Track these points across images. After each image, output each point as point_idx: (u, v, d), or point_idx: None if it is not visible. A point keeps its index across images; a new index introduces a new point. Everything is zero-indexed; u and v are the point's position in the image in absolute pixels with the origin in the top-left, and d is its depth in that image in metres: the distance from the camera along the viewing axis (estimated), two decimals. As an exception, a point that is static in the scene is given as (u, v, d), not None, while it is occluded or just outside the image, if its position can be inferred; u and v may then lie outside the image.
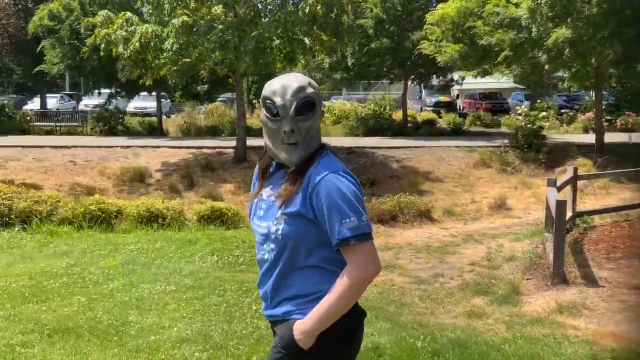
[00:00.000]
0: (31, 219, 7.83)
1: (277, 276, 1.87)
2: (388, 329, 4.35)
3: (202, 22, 12.77)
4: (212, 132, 20.92)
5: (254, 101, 29.01)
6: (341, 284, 1.74)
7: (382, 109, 21.75)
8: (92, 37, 13.49)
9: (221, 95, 31.48)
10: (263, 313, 1.98)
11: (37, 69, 21.25)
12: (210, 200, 10.46)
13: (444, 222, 9.04)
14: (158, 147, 16.20)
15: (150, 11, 13.57)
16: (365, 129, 20.13)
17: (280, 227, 1.81)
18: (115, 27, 13.36)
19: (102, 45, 13.34)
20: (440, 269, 6.35)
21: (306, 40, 13.81)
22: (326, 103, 25.96)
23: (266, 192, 1.92)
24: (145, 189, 12.66)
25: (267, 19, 13.81)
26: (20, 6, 25.51)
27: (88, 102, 29.19)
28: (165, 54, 13.20)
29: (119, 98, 22.19)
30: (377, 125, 20.17)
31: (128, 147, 15.91)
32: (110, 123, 20.31)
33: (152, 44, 12.97)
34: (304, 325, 1.77)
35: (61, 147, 15.72)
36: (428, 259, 6.76)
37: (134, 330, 4.34)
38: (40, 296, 5.09)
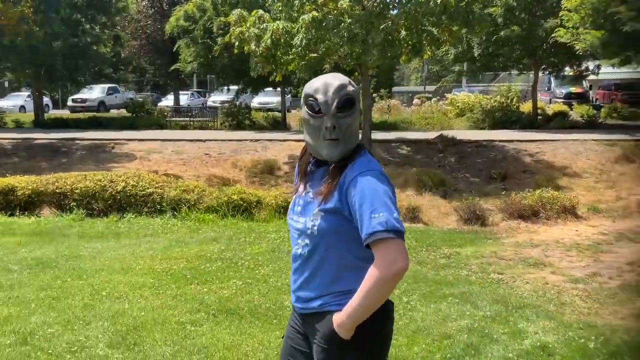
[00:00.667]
0: (180, 206, 8.34)
1: (312, 271, 1.93)
2: (552, 328, 4.14)
3: (330, 16, 12.92)
4: (334, 125, 21.14)
5: (373, 95, 28.97)
6: (369, 278, 1.76)
7: (509, 101, 20.85)
8: (227, 35, 14.12)
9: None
10: (294, 305, 2.03)
11: (173, 67, 22.65)
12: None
13: (590, 220, 8.47)
14: (284, 140, 16.68)
15: (280, 8, 13.96)
16: (491, 122, 19.40)
17: (317, 222, 1.87)
18: (248, 25, 13.90)
19: (236, 43, 13.94)
20: (595, 267, 5.95)
21: (434, 31, 13.54)
22: (448, 95, 25.34)
23: (306, 189, 1.98)
24: (275, 181, 13.07)
25: (395, 10, 13.71)
26: (156, 9, 27.34)
27: (215, 99, 30.76)
28: (294, 49, 13.52)
29: (245, 93, 23.15)
30: (505, 117, 19.36)
31: (257, 140, 16.53)
32: (238, 118, 21.21)
33: (282, 40, 13.34)
34: (341, 319, 1.82)
35: (196, 140, 16.68)
36: (580, 257, 6.35)
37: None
38: (200, 278, 5.40)
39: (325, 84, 1.90)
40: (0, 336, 4.04)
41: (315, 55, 14.21)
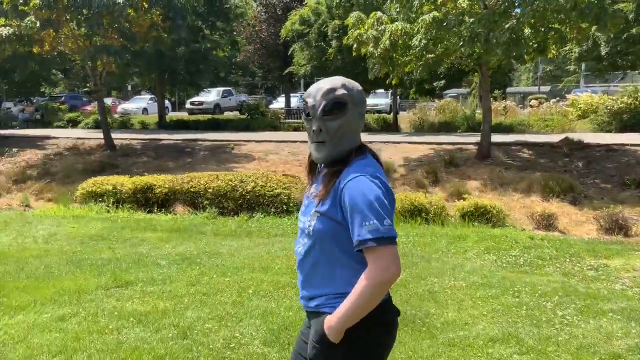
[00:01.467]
0: (307, 207, 8.47)
1: (308, 270, 1.96)
2: None
3: (450, 16, 12.62)
4: (446, 128, 20.71)
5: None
6: (361, 284, 1.77)
7: (637, 102, 19.34)
8: (345, 37, 14.23)
9: (450, 91, 31.16)
10: (304, 308, 2.04)
11: (287, 70, 23.20)
12: (456, 196, 10.35)
13: None
14: (398, 142, 16.53)
15: (398, 9, 13.84)
16: (619, 124, 18.11)
17: (313, 223, 1.89)
18: (366, 27, 13.92)
19: (354, 46, 14.01)
20: None
21: (562, 28, 12.84)
22: (569, 96, 23.98)
23: (311, 189, 2.00)
24: (392, 184, 12.97)
25: (520, 8, 13.14)
26: (270, 14, 28.14)
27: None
28: (412, 50, 13.34)
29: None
30: (634, 120, 18.00)
31: (370, 142, 16.52)
32: (351, 119, 21.29)
33: (400, 41, 13.22)
34: (330, 322, 1.84)
35: (311, 142, 16.96)
36: None
37: (438, 323, 4.36)
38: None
39: (317, 88, 1.93)
40: (161, 329, 4.25)
41: (432, 56, 13.96)
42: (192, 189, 8.89)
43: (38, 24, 13.71)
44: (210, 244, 7.01)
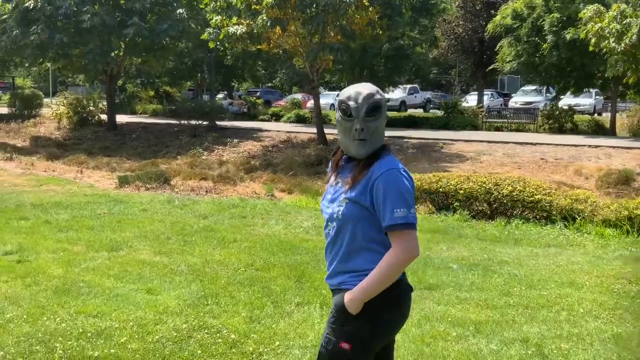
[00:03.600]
0: (572, 216, 7.82)
1: (335, 251, 2.24)
2: None
3: None
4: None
5: None
6: (385, 262, 2.09)
7: None
8: (583, 32, 13.15)
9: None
10: (325, 281, 2.33)
11: (491, 67, 22.29)
12: None
13: None
14: (630, 148, 14.94)
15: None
16: None
17: (342, 209, 2.16)
18: (607, 21, 12.71)
19: (592, 40, 12.88)
20: None
21: None
22: None
23: (337, 180, 2.27)
24: (635, 193, 11.68)
25: None
26: (468, 9, 27.29)
27: (518, 99, 29.54)
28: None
29: (563, 95, 21.63)
30: None
31: (597, 146, 15.13)
32: (560, 121, 19.87)
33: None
34: (352, 294, 2.13)
35: (526, 143, 16.02)
36: None
37: None
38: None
39: (357, 92, 2.17)
40: (507, 342, 3.99)
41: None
42: (441, 189, 8.67)
43: (269, 23, 14.46)
44: (485, 249, 6.69)
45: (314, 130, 19.87)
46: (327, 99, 36.36)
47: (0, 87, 42.78)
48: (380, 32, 16.47)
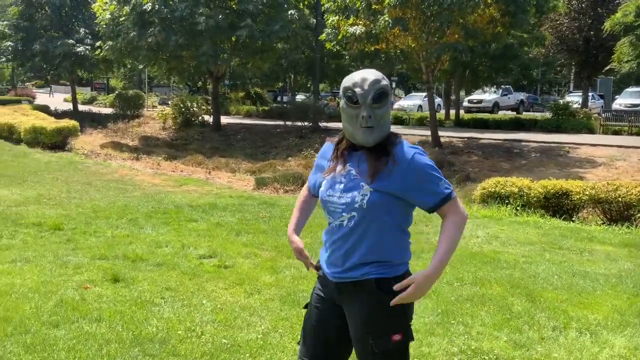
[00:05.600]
0: None
1: (355, 241, 2.12)
2: None
3: None
4: None
5: None
6: (453, 226, 2.09)
7: None
8: None
9: None
10: (330, 276, 2.20)
11: (607, 67, 21.09)
12: None
13: None
14: None
15: None
16: None
17: (367, 197, 2.08)
18: None
19: None
20: None
21: None
22: None
23: (347, 168, 2.17)
24: None
25: None
26: (572, 7, 25.97)
27: (622, 101, 27.96)
28: None
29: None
30: None
31: None
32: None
33: None
34: (429, 272, 2.05)
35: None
36: None
37: None
38: None
39: (363, 79, 2.10)
40: None
41: None
42: (620, 199, 8.01)
43: (390, 23, 14.09)
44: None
45: (421, 132, 19.42)
46: (414, 99, 35.77)
47: (96, 88, 44.62)
48: (502, 30, 15.80)
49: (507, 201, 8.84)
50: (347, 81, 2.14)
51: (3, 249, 5.90)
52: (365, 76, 2.12)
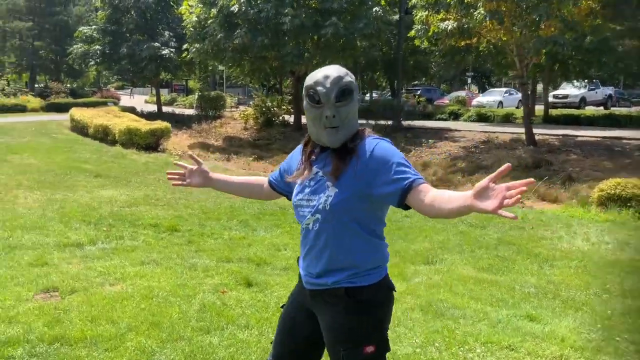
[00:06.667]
0: None
1: (322, 246, 1.97)
2: None
3: None
4: None
5: None
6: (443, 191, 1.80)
7: None
8: None
9: None
10: (304, 281, 2.07)
11: None
12: None
13: None
14: None
15: None
16: None
17: (330, 199, 1.93)
18: None
19: None
20: None
21: None
22: None
23: (314, 171, 2.03)
24: None
25: None
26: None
27: None
28: None
29: None
30: None
31: None
32: None
33: None
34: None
35: None
36: None
37: None
38: None
39: (325, 76, 1.96)
40: None
41: None
42: None
43: (487, 17, 13.58)
44: None
45: (509, 129, 18.73)
46: (494, 95, 34.61)
47: (175, 90, 46.00)
48: (601, 22, 14.95)
49: (628, 204, 8.26)
50: (309, 79, 2.01)
51: (129, 250, 6.00)
52: (328, 73, 1.98)
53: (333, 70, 1.99)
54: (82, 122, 18.54)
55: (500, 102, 33.00)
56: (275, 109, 22.88)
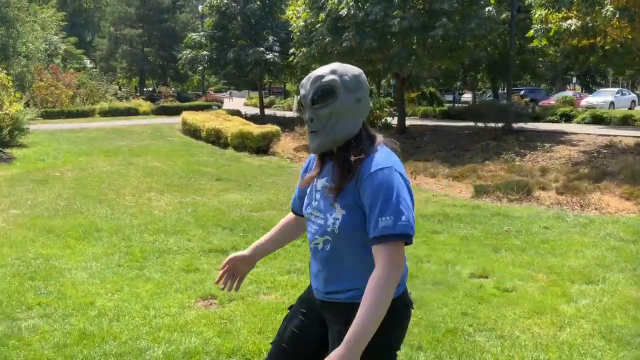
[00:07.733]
0: None
1: (335, 267, 1.87)
2: None
3: None
4: None
5: None
6: (374, 293, 1.67)
7: None
8: None
9: None
10: (314, 293, 1.99)
11: None
12: None
13: None
14: None
15: None
16: None
17: (338, 222, 1.82)
18: None
19: None
20: None
21: None
22: None
23: (320, 182, 1.92)
24: None
25: None
26: None
27: None
28: None
29: None
30: None
31: None
32: None
33: None
34: (340, 351, 1.63)
35: None
36: None
37: None
38: None
39: (307, 78, 1.87)
40: None
41: None
42: None
43: (617, 14, 12.68)
44: None
45: (634, 132, 17.48)
46: (605, 96, 32.60)
47: (273, 92, 47.00)
48: None
49: None
50: (301, 81, 1.91)
51: (270, 257, 6.00)
52: (312, 73, 1.87)
53: (320, 69, 1.87)
54: (194, 126, 19.20)
55: (612, 103, 31.11)
56: (377, 111, 22.67)
